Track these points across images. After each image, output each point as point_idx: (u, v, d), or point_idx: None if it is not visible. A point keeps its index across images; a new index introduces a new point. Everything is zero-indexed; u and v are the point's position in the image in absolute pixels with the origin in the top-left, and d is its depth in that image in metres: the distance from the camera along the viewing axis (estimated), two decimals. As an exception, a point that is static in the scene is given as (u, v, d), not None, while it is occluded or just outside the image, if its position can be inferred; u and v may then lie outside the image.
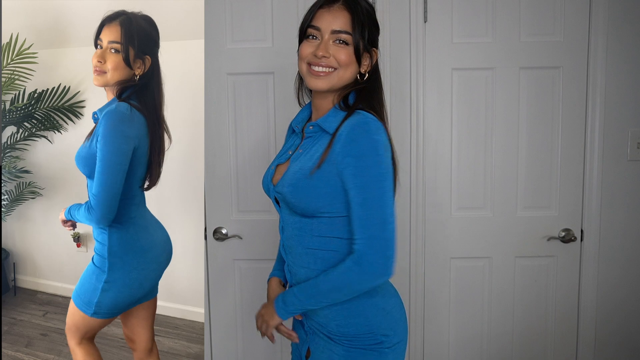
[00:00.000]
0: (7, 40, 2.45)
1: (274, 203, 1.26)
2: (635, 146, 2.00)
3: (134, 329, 1.71)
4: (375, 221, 1.08)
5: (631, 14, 1.95)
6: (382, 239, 1.07)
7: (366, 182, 1.08)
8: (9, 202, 2.74)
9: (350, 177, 1.09)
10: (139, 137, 1.48)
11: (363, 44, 1.16)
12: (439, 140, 2.01)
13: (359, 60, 1.17)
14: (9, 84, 2.50)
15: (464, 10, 1.96)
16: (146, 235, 1.60)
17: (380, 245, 1.07)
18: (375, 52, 1.21)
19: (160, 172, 1.61)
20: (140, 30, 1.49)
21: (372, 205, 1.08)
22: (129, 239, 1.54)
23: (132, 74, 1.49)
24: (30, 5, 2.49)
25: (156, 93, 1.57)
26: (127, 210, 1.53)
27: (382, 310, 1.18)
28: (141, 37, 1.49)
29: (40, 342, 2.46)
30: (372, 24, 1.19)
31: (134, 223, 1.56)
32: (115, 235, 1.52)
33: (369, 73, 1.20)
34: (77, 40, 2.53)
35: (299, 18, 1.96)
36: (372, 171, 1.08)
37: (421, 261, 2.06)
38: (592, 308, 2.06)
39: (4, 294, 2.84)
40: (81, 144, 1.51)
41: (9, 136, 2.63)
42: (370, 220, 1.08)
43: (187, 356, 2.40)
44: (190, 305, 2.70)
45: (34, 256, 2.95)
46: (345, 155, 1.09)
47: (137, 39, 1.48)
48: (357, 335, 1.16)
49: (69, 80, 2.61)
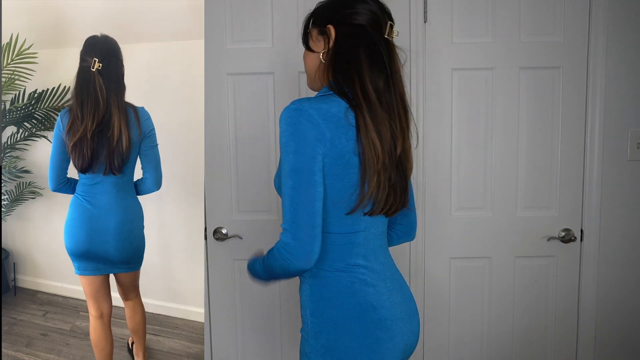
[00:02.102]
0: (7, 40, 2.44)
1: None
2: (635, 146, 2.00)
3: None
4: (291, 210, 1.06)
5: (631, 14, 1.95)
6: (297, 225, 1.05)
7: (283, 170, 1.08)
8: (9, 202, 2.74)
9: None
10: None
11: (316, 32, 1.18)
12: (439, 140, 2.01)
13: (310, 49, 1.19)
14: (9, 84, 2.50)
15: (464, 10, 1.96)
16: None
17: (296, 229, 1.05)
18: (329, 28, 1.15)
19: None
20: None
21: (286, 194, 1.07)
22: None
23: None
24: (30, 5, 2.49)
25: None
26: None
27: (310, 297, 1.15)
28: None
29: (40, 342, 2.46)
30: (322, 9, 1.20)
31: None
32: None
33: (329, 52, 1.15)
34: (77, 40, 2.52)
35: (299, 18, 1.97)
36: (282, 162, 1.08)
37: (421, 261, 2.06)
38: (592, 308, 2.06)
39: (4, 294, 2.84)
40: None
41: (9, 136, 2.63)
42: (284, 207, 1.07)
43: (187, 356, 2.40)
44: (190, 305, 2.70)
45: (34, 256, 2.95)
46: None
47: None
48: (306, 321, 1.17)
49: (69, 80, 2.58)
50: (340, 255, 1.13)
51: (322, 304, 1.12)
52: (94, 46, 1.81)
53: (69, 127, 1.75)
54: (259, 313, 2.13)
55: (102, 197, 1.84)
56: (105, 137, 1.76)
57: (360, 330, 1.10)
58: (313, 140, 1.05)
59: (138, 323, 2.12)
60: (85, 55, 1.80)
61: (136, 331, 2.13)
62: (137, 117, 1.83)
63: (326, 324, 1.11)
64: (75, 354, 2.36)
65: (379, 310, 1.11)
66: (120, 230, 1.85)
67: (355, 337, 1.10)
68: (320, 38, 1.18)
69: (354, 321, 1.10)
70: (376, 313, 1.11)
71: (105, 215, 1.83)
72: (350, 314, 1.10)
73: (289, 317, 2.11)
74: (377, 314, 1.11)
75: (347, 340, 1.10)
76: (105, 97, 1.75)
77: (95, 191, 1.84)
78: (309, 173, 1.05)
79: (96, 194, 1.84)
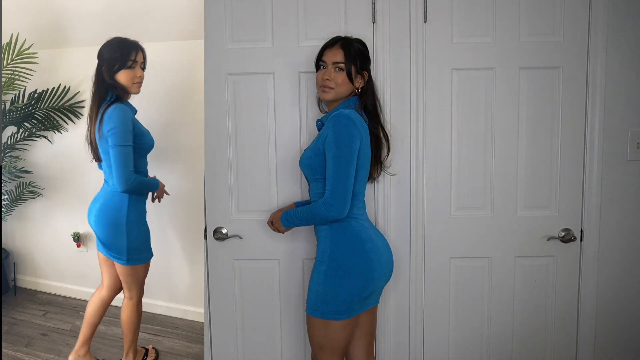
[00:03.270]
0: (7, 40, 2.45)
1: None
2: (635, 146, 2.00)
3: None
4: (336, 180, 1.62)
5: (631, 13, 1.95)
6: (339, 191, 1.62)
7: (334, 155, 1.63)
8: (9, 202, 2.74)
9: (327, 150, 1.65)
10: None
11: (355, 69, 1.74)
12: (439, 140, 2.01)
13: (352, 80, 1.73)
14: (9, 84, 2.50)
15: (464, 10, 1.96)
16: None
17: (338, 194, 1.62)
18: (365, 74, 1.76)
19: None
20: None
21: (334, 170, 1.62)
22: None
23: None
24: (30, 5, 2.49)
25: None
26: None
27: (338, 241, 1.69)
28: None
29: (40, 342, 2.46)
30: (362, 57, 1.76)
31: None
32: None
33: (362, 88, 1.76)
34: (77, 40, 2.53)
35: (299, 18, 1.98)
36: (337, 147, 1.63)
37: (421, 261, 2.06)
38: (592, 308, 2.06)
39: (4, 294, 2.84)
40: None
41: (9, 136, 2.63)
42: (334, 179, 1.62)
43: (187, 356, 2.40)
44: (190, 305, 2.70)
45: (34, 256, 2.95)
46: (327, 136, 1.65)
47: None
48: (326, 257, 1.70)
49: (69, 80, 2.61)
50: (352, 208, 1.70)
51: (338, 238, 1.69)
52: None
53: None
54: (259, 313, 2.13)
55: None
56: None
57: (362, 252, 1.68)
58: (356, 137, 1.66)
59: (122, 320, 2.16)
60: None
61: (122, 328, 2.18)
62: (101, 118, 1.91)
63: (340, 249, 1.68)
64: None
65: (374, 241, 1.72)
66: (99, 211, 2.02)
67: (358, 257, 1.67)
68: (359, 77, 1.75)
69: (358, 247, 1.68)
70: (371, 243, 1.71)
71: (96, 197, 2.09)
72: (356, 243, 1.68)
73: (289, 317, 2.11)
74: (372, 244, 1.71)
75: (352, 259, 1.67)
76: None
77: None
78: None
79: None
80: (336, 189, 1.62)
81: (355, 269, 1.66)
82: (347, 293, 1.65)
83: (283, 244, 2.07)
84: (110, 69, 1.91)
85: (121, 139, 1.86)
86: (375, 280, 1.69)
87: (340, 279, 1.65)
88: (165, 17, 2.35)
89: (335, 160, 1.61)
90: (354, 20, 1.97)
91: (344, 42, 1.75)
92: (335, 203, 1.62)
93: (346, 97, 1.76)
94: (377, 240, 1.74)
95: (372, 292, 1.71)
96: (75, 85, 2.61)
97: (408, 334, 2.10)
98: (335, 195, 1.62)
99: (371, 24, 1.97)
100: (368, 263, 1.67)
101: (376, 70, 1.96)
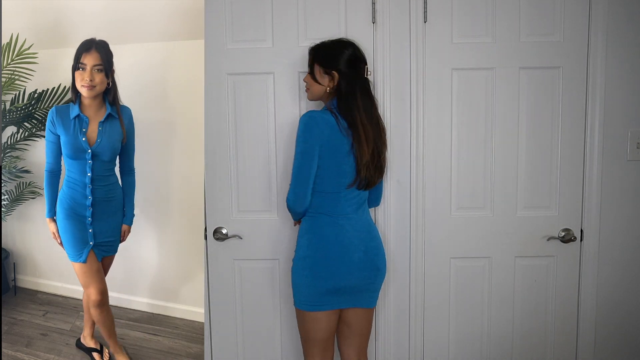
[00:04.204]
0: (7, 40, 2.44)
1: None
2: (635, 146, 2.00)
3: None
4: (292, 177, 1.74)
5: (631, 14, 1.95)
6: (294, 187, 1.73)
7: (294, 153, 1.73)
8: (9, 202, 2.74)
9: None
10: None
11: (320, 70, 1.75)
12: (439, 140, 2.01)
13: (317, 81, 1.76)
14: (9, 84, 2.50)
15: (464, 10, 1.96)
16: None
17: (294, 190, 1.73)
18: (334, 73, 1.73)
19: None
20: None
21: (293, 167, 1.73)
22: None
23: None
24: (30, 5, 2.49)
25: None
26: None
27: (305, 235, 1.78)
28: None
29: (40, 342, 2.45)
30: (325, 58, 1.75)
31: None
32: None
33: (336, 88, 1.74)
34: (77, 40, 2.52)
35: (299, 18, 1.98)
36: (295, 146, 1.73)
37: (421, 261, 2.06)
38: (592, 308, 2.06)
39: (4, 294, 2.84)
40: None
41: (9, 136, 2.63)
42: (292, 175, 1.74)
43: (187, 356, 2.40)
44: (190, 305, 2.70)
45: (34, 256, 2.95)
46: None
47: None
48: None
49: (69, 80, 2.59)
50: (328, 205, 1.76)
51: (305, 232, 1.77)
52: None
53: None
54: (259, 313, 2.13)
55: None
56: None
57: (322, 248, 1.74)
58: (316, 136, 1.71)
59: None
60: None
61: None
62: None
63: (304, 243, 1.76)
64: (76, 354, 2.36)
65: (342, 239, 1.74)
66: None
67: (318, 252, 1.74)
68: (325, 76, 1.74)
69: (319, 242, 1.74)
70: (338, 240, 1.73)
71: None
72: (318, 239, 1.75)
73: (288, 317, 2.11)
74: (339, 241, 1.73)
75: (314, 253, 1.74)
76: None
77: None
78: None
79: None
80: (292, 185, 1.73)
81: (317, 263, 1.73)
82: (309, 284, 1.74)
83: (283, 244, 2.07)
84: (72, 70, 1.98)
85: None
86: (340, 277, 1.72)
87: (303, 270, 1.75)
88: (165, 17, 2.35)
89: (294, 159, 1.73)
90: (354, 20, 1.97)
91: (314, 45, 1.80)
92: (292, 197, 1.74)
93: (331, 98, 1.76)
94: (352, 238, 1.74)
95: (340, 288, 1.73)
96: (75, 85, 2.61)
97: (408, 334, 2.10)
98: (292, 190, 1.74)
99: (371, 24, 1.97)
100: (326, 259, 1.72)
101: (376, 70, 1.96)
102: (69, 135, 1.99)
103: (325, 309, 1.75)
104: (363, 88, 1.74)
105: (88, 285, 2.10)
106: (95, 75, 1.95)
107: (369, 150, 1.71)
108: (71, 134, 1.99)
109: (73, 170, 2.04)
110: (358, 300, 1.79)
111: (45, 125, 2.62)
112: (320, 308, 1.74)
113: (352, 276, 1.74)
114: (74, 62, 1.97)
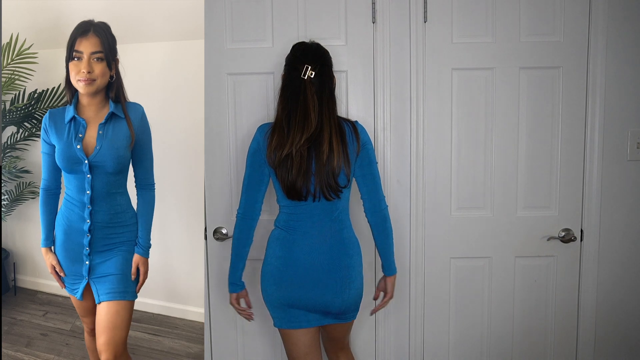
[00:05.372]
0: (7, 40, 2.45)
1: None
2: (635, 146, 2.00)
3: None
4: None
5: (631, 14, 1.95)
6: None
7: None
8: (9, 202, 2.74)
9: None
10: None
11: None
12: (439, 140, 2.01)
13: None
14: (9, 84, 2.51)
15: (464, 10, 1.96)
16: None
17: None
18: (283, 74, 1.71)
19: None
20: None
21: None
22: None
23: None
24: (30, 5, 2.49)
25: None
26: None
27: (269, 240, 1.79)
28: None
29: (40, 342, 2.46)
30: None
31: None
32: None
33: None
34: (77, 40, 2.53)
35: (299, 18, 1.97)
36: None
37: (421, 261, 2.06)
38: (592, 308, 2.06)
39: (4, 294, 2.84)
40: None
41: (9, 136, 2.63)
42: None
43: (187, 356, 2.41)
44: (190, 305, 2.70)
45: (34, 256, 2.95)
46: None
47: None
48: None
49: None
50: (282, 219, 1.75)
51: (268, 245, 1.77)
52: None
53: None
54: (259, 313, 2.12)
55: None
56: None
57: (267, 260, 1.74)
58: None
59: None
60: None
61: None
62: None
63: (266, 256, 1.76)
64: (75, 354, 2.36)
65: (285, 252, 1.69)
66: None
67: (265, 264, 1.74)
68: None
69: (267, 254, 1.75)
70: (282, 252, 1.69)
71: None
72: (267, 251, 1.76)
73: (289, 317, 2.11)
74: (282, 254, 1.69)
75: (269, 266, 1.72)
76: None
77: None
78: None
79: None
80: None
81: (264, 278, 1.73)
82: (265, 299, 1.75)
83: (283, 244, 2.07)
84: (66, 62, 1.59)
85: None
86: (285, 290, 1.66)
87: (261, 284, 1.76)
88: (165, 17, 2.35)
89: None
90: (354, 20, 1.97)
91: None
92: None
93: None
94: (307, 253, 1.65)
95: (292, 304, 1.67)
96: (75, 85, 2.61)
97: (408, 334, 2.10)
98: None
99: (371, 24, 1.97)
100: (270, 271, 1.71)
101: (376, 70, 1.96)
102: (62, 143, 1.58)
103: (293, 326, 1.70)
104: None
105: (92, 327, 1.74)
106: (95, 65, 1.56)
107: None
108: (64, 141, 1.58)
109: (70, 187, 1.64)
110: (332, 318, 1.71)
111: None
112: (281, 326, 1.72)
113: (307, 293, 1.65)
114: (67, 50, 1.56)
